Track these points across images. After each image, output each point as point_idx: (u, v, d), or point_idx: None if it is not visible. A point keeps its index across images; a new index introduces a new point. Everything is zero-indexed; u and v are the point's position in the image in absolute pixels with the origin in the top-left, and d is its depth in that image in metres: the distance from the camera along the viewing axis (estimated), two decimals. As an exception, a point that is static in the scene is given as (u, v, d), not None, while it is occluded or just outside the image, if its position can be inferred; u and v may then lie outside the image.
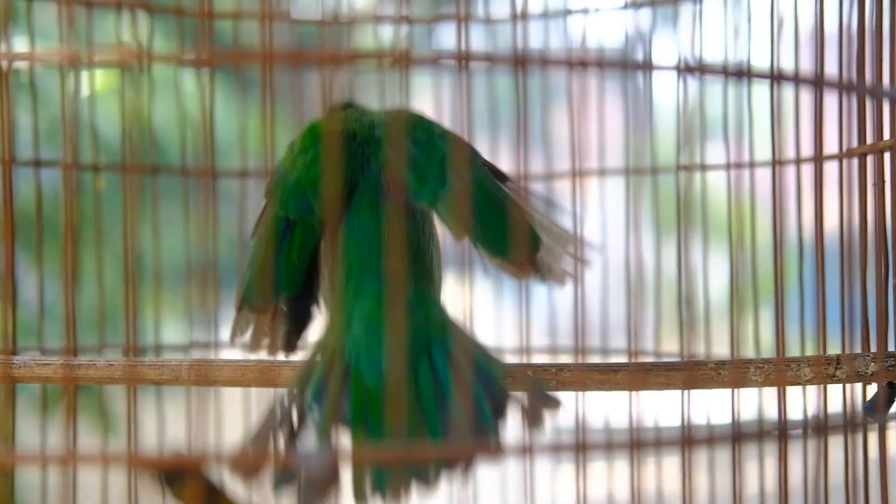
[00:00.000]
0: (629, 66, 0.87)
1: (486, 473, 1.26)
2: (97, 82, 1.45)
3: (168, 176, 1.48)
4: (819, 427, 1.02)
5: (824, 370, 1.10)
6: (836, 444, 1.09)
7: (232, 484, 0.89)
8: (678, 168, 1.39)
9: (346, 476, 0.86)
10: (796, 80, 0.91)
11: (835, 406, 1.14)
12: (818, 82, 0.94)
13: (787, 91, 1.09)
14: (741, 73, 0.83)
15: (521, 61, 0.80)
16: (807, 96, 1.12)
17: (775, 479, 1.02)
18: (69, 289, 1.16)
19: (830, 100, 1.10)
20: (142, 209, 1.51)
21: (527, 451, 0.88)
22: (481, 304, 1.66)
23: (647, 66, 0.87)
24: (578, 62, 0.78)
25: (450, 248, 1.24)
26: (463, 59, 0.80)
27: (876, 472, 1.11)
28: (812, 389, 1.13)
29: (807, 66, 1.10)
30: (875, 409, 1.12)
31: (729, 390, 1.10)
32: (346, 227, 1.05)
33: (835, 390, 1.13)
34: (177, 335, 1.52)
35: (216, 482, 0.90)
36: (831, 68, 1.09)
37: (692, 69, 0.84)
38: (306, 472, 0.83)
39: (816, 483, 1.06)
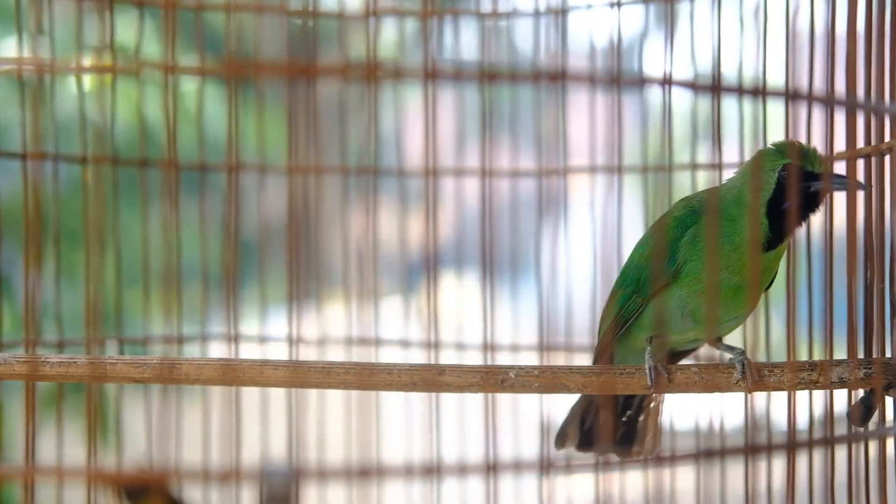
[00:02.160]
0: (620, 81, 0.85)
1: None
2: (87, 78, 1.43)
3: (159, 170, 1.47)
4: (826, 440, 1.01)
5: (807, 376, 1.09)
6: (839, 446, 1.08)
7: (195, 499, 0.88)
8: (670, 168, 1.38)
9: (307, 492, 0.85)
10: (809, 98, 0.89)
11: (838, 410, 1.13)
12: (829, 101, 0.92)
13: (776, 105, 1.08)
14: (756, 92, 0.81)
15: (488, 76, 0.78)
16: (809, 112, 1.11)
17: (781, 481, 1.02)
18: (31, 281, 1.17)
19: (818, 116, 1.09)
20: (131, 205, 1.51)
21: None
22: (469, 302, 1.65)
23: (638, 81, 0.85)
24: (566, 75, 0.77)
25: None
26: (430, 76, 0.79)
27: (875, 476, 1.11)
28: (819, 395, 1.12)
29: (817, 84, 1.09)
30: (853, 416, 1.11)
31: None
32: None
33: (840, 395, 1.12)
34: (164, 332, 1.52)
35: (181, 498, 0.89)
36: (839, 86, 1.08)
37: (681, 84, 0.83)
38: (268, 488, 0.82)
39: (826, 488, 1.05)
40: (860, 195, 1.11)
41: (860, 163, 1.13)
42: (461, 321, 1.57)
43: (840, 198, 1.12)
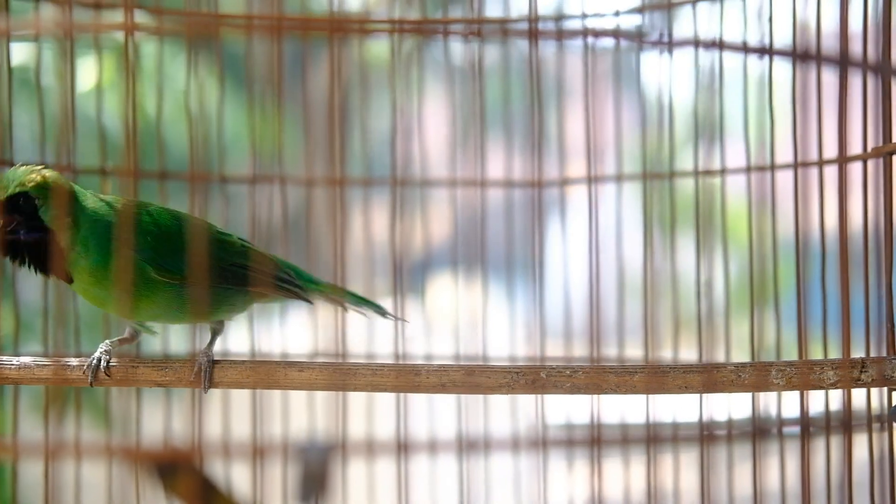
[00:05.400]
0: (646, 41, 0.84)
1: (499, 469, 1.25)
2: (102, 76, 1.43)
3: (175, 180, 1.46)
4: (843, 426, 0.99)
5: (850, 373, 1.07)
6: (859, 440, 1.06)
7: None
8: (697, 173, 1.37)
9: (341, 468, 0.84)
10: (818, 58, 0.87)
11: (858, 402, 1.11)
12: (842, 61, 0.91)
13: (809, 78, 1.06)
14: (763, 51, 0.80)
15: (534, 32, 0.77)
16: (830, 81, 1.09)
17: (797, 477, 0.99)
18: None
19: (854, 89, 1.07)
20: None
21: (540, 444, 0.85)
22: (494, 310, 1.63)
23: (666, 43, 0.84)
24: (593, 32, 0.75)
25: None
26: (475, 29, 0.78)
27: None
28: (835, 392, 1.10)
29: (831, 48, 1.07)
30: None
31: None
32: None
33: (858, 392, 1.10)
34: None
35: (211, 476, 0.87)
36: (856, 50, 1.06)
37: (709, 44, 0.81)
38: (304, 464, 0.80)
39: (841, 481, 1.03)
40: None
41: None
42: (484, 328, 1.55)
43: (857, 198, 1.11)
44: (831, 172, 1.21)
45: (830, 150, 1.21)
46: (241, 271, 1.16)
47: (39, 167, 1.13)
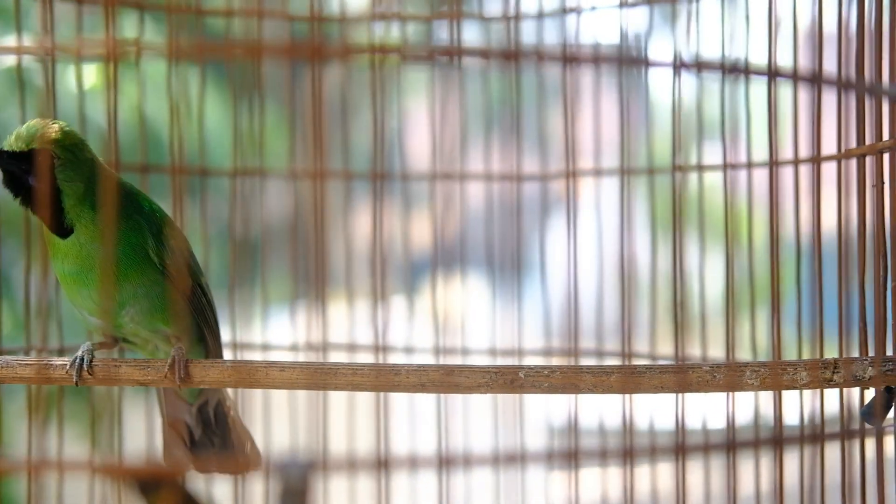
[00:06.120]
0: (625, 61, 0.85)
1: (479, 479, 1.25)
2: (90, 78, 1.43)
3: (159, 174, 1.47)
4: (815, 434, 1.00)
5: (821, 374, 1.08)
6: (832, 444, 1.08)
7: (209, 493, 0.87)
8: (674, 168, 1.37)
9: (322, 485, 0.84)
10: (794, 77, 0.89)
11: (832, 407, 1.12)
12: (816, 79, 0.92)
13: (785, 90, 1.07)
14: (738, 70, 0.81)
15: (514, 55, 0.78)
16: (804, 95, 1.11)
17: (770, 482, 1.01)
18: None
19: (828, 99, 1.08)
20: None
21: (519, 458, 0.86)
22: (475, 305, 1.65)
23: (644, 62, 0.85)
24: (573, 57, 0.76)
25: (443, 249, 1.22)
26: (455, 53, 0.79)
27: (872, 475, 1.10)
28: (809, 392, 1.12)
29: (805, 64, 1.09)
30: (873, 415, 1.10)
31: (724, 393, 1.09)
32: None
33: (832, 392, 1.11)
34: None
35: (193, 492, 0.88)
36: (830, 66, 1.07)
37: (688, 65, 0.82)
38: (284, 480, 0.81)
39: (812, 487, 1.04)
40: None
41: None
42: (465, 324, 1.56)
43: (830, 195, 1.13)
44: (807, 174, 1.22)
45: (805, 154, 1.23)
46: (203, 297, 1.18)
47: (70, 128, 1.13)
